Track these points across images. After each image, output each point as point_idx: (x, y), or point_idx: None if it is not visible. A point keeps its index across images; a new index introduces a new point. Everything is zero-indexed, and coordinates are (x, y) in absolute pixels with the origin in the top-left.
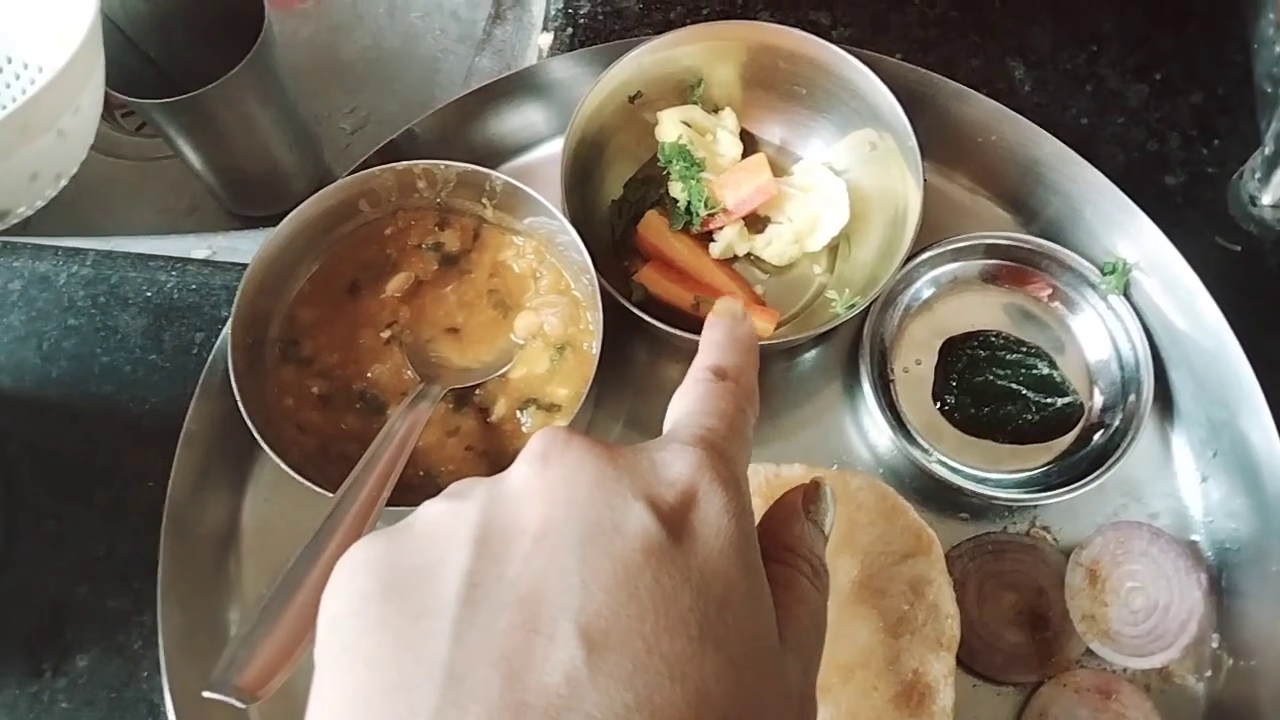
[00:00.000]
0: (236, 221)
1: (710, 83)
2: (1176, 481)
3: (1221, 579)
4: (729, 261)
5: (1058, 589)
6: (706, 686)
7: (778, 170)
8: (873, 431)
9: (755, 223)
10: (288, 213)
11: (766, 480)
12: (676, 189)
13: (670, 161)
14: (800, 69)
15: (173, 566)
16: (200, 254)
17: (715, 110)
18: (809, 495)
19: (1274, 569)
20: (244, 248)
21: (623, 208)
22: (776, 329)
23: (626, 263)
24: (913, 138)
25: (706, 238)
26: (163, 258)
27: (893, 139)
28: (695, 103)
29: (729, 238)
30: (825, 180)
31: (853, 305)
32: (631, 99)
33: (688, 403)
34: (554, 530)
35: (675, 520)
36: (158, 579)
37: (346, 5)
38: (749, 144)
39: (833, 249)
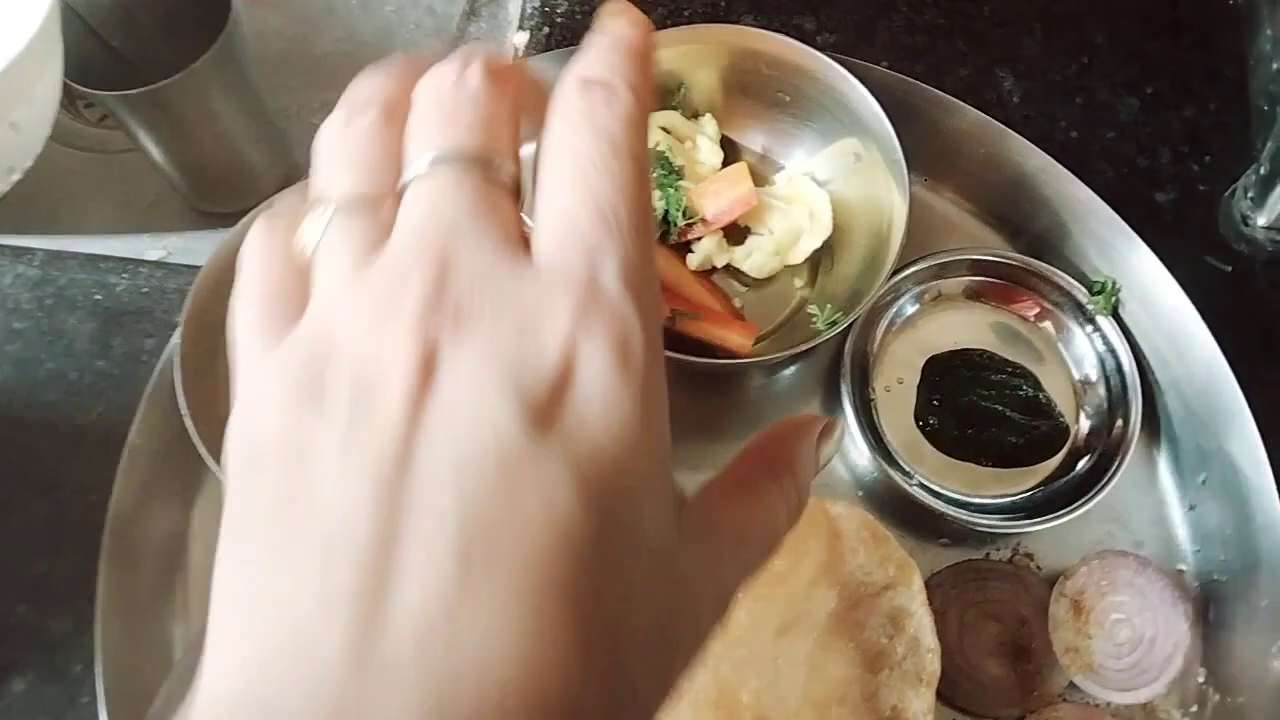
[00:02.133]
0: (201, 218)
1: (691, 87)
2: (1164, 509)
3: (1209, 611)
4: (707, 273)
5: (1041, 619)
6: (581, 596)
7: (759, 180)
8: (852, 452)
9: (735, 233)
10: (253, 209)
11: None
12: (654, 197)
13: (650, 168)
14: (784, 75)
15: (113, 587)
16: (154, 255)
17: (695, 116)
18: (828, 428)
19: (1263, 603)
20: (201, 249)
21: None
22: (755, 344)
23: None
24: (899, 150)
25: (684, 248)
26: (114, 259)
27: (878, 150)
28: (675, 108)
29: (707, 249)
30: (808, 191)
31: (834, 321)
32: None
33: (553, 185)
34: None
35: (544, 409)
36: (96, 600)
37: None
38: (730, 152)
39: (814, 262)
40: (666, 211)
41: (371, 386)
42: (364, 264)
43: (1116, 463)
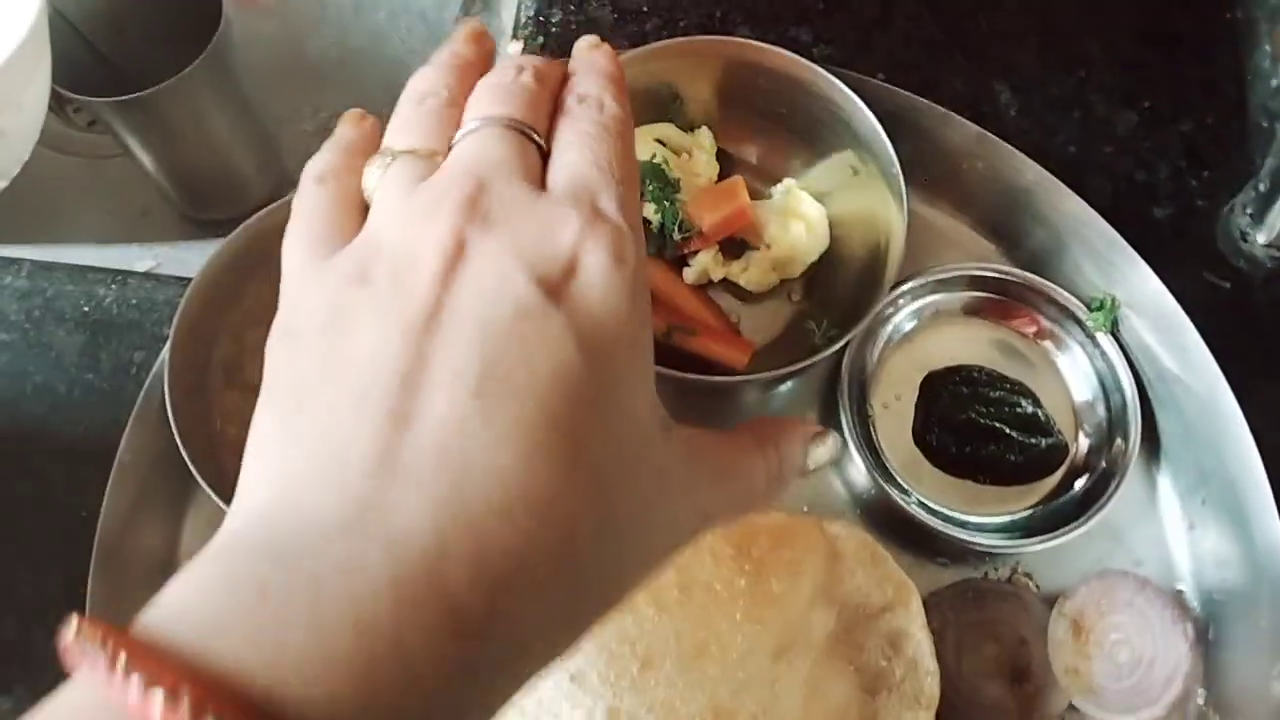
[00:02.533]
0: (191, 225)
1: (687, 100)
2: (1163, 528)
3: (1209, 631)
4: (703, 287)
5: (1040, 639)
6: (575, 431)
7: (756, 193)
8: (850, 469)
9: (731, 247)
10: (246, 217)
11: (741, 526)
12: (649, 210)
13: (643, 181)
14: (780, 88)
15: (102, 604)
16: (144, 266)
17: (691, 128)
18: (822, 434)
19: (1263, 624)
20: (192, 259)
21: None
22: (751, 360)
23: None
24: (896, 163)
25: (680, 262)
26: (103, 270)
27: (875, 164)
28: (671, 120)
29: (704, 263)
30: (805, 205)
31: (832, 336)
32: None
33: (562, 150)
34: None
35: (554, 285)
36: (85, 615)
37: (310, 3)
38: (726, 165)
39: (811, 276)
40: (663, 225)
41: (409, 266)
42: (414, 191)
43: (1116, 481)
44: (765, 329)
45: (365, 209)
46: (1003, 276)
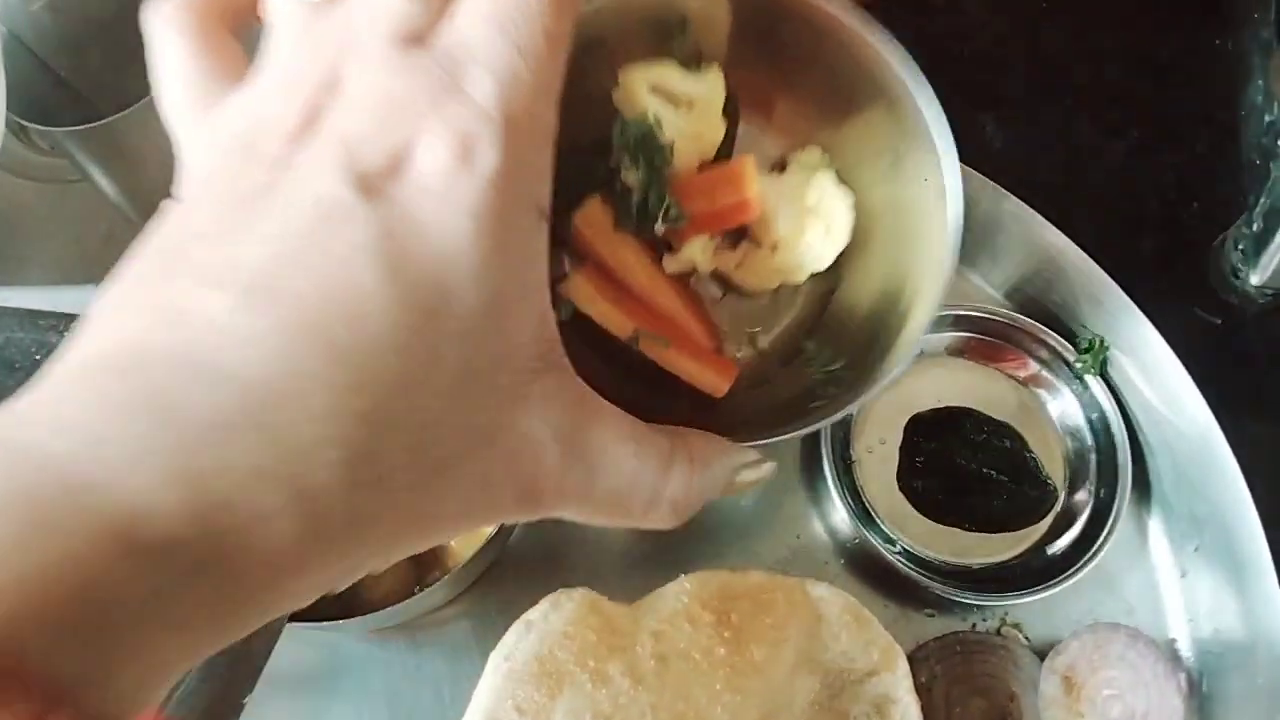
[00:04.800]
0: None
1: (698, 29)
2: (1155, 575)
3: (1202, 683)
4: (685, 277)
5: (1030, 692)
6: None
7: (767, 166)
8: (833, 516)
9: (727, 234)
10: None
11: (720, 589)
12: (631, 176)
13: (628, 145)
14: (819, 41)
15: None
16: None
17: (698, 64)
18: (757, 463)
19: (1260, 680)
20: None
21: (558, 185)
22: (734, 389)
23: (553, 265)
24: (954, 158)
25: (662, 245)
26: (55, 315)
27: (923, 156)
28: (673, 56)
29: (692, 252)
30: (827, 192)
31: (834, 371)
32: (587, 48)
33: (470, 13)
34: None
35: (371, 182)
36: None
37: None
38: (735, 125)
39: (820, 280)
40: (645, 201)
41: (262, 137)
42: (305, 31)
43: (1106, 529)
44: (749, 338)
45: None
46: (989, 317)
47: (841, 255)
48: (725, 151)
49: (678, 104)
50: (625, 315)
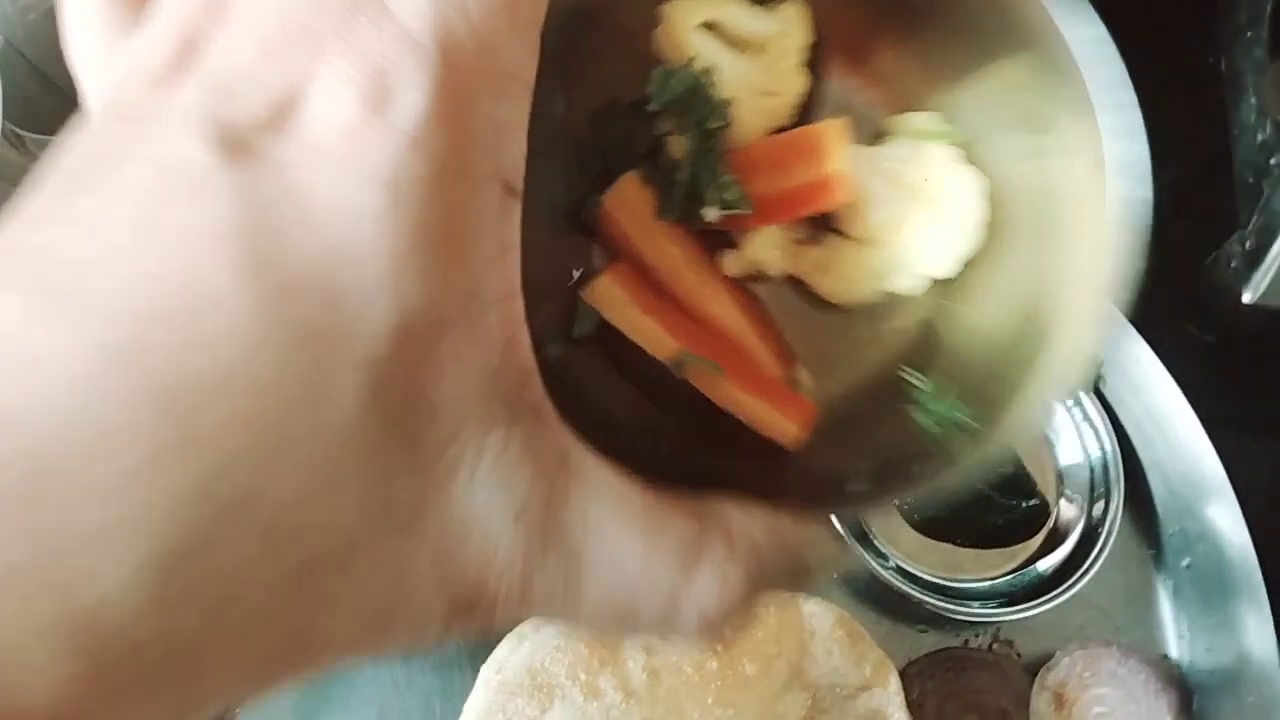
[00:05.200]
0: None
1: None
2: (1147, 592)
3: (1193, 701)
4: (750, 281)
5: (1021, 709)
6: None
7: (865, 137)
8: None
9: (806, 223)
10: None
11: None
12: (677, 147)
13: (671, 102)
14: None
15: None
16: None
17: None
18: (818, 546)
19: (1250, 699)
20: None
21: (585, 157)
22: (814, 436)
23: (576, 264)
24: (1138, 127)
25: (717, 237)
26: None
27: (1085, 125)
28: None
29: (760, 247)
30: (944, 171)
31: (950, 417)
32: None
33: None
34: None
35: (240, 139)
36: None
37: None
38: (819, 89)
39: (937, 293)
40: (692, 180)
41: (130, 86)
42: None
43: (1099, 546)
44: (835, 366)
45: None
46: None
47: (973, 258)
48: (805, 116)
49: (741, 48)
50: (667, 331)
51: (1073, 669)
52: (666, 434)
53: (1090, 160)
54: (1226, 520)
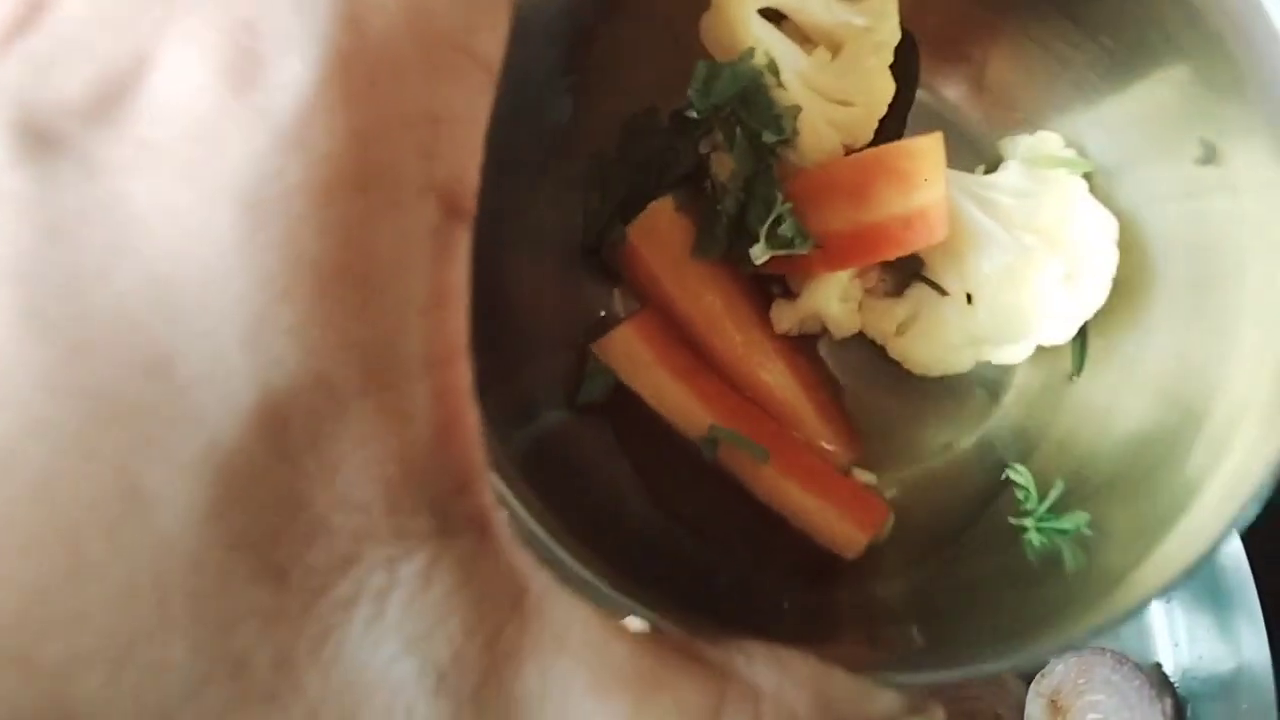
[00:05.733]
0: None
1: None
2: None
3: (1187, 708)
4: (808, 341)
5: (1016, 716)
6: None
7: (963, 161)
8: None
9: (887, 268)
10: None
11: None
12: (724, 167)
13: (718, 107)
14: None
15: None
16: None
17: None
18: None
19: (1243, 706)
20: None
21: (611, 176)
22: (881, 551)
23: (594, 302)
24: None
25: (771, 282)
26: None
27: (1264, 154)
28: None
29: (823, 297)
30: (1071, 210)
31: (1067, 531)
32: None
33: None
34: None
35: (54, 132)
36: None
37: None
38: (911, 99)
39: (1052, 365)
40: (747, 203)
41: None
42: None
43: None
44: (912, 456)
45: None
46: None
47: (1092, 321)
48: (893, 131)
49: (811, 44)
50: (699, 400)
51: (1067, 675)
52: (688, 534)
53: (1275, 202)
54: None
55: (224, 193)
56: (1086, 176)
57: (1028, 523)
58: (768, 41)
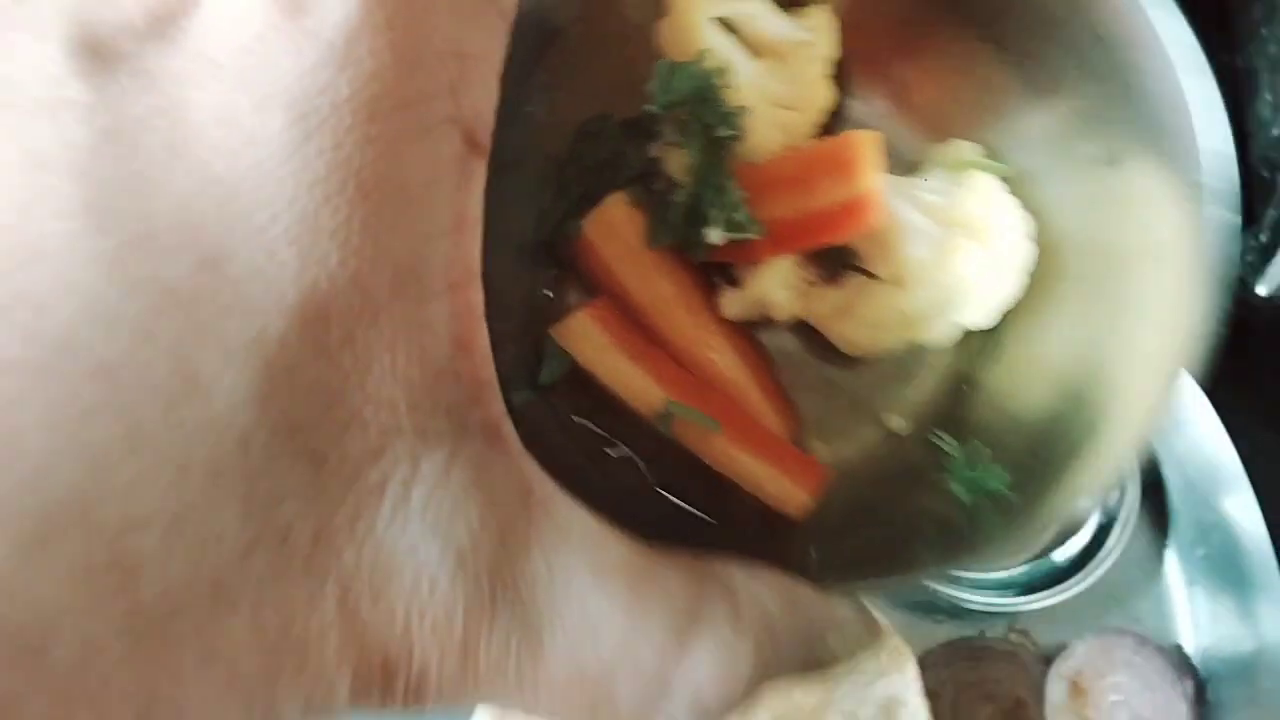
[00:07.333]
0: None
1: None
2: (1162, 583)
3: (1207, 690)
4: (750, 327)
5: (1037, 699)
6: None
7: (896, 166)
8: None
9: (823, 259)
10: None
11: None
12: (676, 163)
13: (675, 103)
14: None
15: None
16: None
17: (800, 2)
18: (843, 625)
19: (1266, 686)
20: None
21: (565, 176)
22: (820, 510)
23: (547, 293)
24: (1230, 166)
25: (717, 272)
26: None
27: (1162, 161)
28: None
29: (766, 285)
30: (987, 205)
31: (985, 489)
32: None
33: None
34: None
35: (109, 47)
36: None
37: None
38: (845, 107)
39: (967, 346)
40: (696, 199)
41: None
42: None
43: (1114, 537)
44: (848, 426)
45: None
46: None
47: (1011, 311)
48: (828, 135)
49: (759, 53)
50: (654, 379)
51: (1088, 657)
52: (649, 500)
53: (1169, 208)
54: (1242, 510)
55: (277, 101)
56: (1006, 180)
57: (953, 481)
58: (720, 47)
